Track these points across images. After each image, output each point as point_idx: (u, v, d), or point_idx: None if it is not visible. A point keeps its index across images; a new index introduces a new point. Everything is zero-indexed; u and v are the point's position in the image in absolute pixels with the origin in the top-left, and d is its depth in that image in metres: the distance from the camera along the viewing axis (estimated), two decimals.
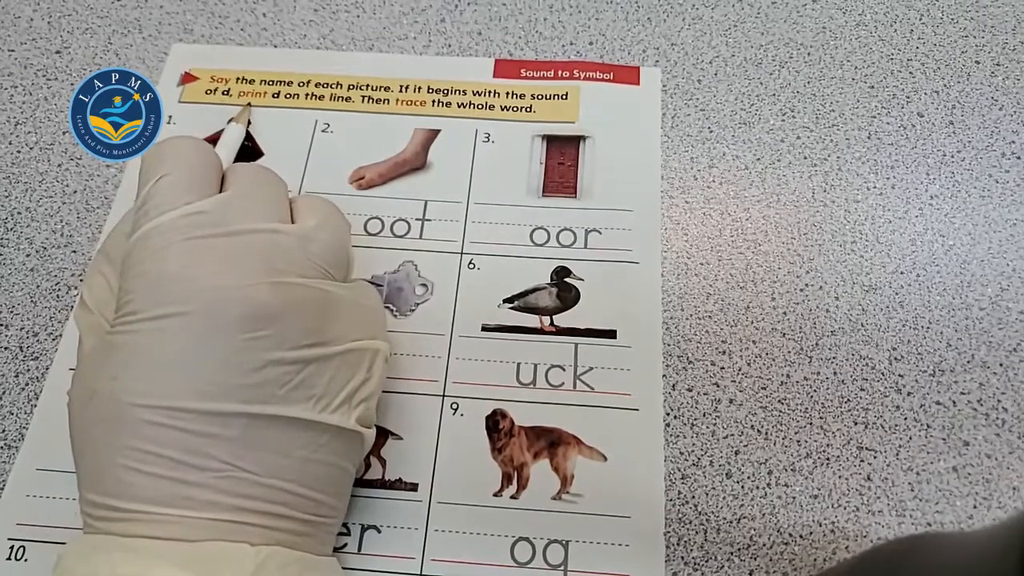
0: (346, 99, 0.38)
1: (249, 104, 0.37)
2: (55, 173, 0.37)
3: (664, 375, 0.32)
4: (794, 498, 0.30)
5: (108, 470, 0.22)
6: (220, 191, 0.26)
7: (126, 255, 0.24)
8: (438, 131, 0.37)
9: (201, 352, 0.22)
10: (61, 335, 0.33)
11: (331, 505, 0.26)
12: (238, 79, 0.38)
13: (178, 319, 0.22)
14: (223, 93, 0.38)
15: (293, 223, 0.26)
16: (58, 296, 0.34)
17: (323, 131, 0.37)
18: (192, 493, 0.22)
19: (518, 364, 0.32)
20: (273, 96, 0.38)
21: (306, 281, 0.25)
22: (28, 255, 0.35)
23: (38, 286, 0.34)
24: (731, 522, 0.29)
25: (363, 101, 0.38)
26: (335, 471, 0.25)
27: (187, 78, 0.39)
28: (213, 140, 0.37)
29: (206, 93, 0.38)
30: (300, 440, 0.24)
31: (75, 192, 0.36)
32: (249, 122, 0.37)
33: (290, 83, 0.38)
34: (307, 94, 0.38)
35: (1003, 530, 0.15)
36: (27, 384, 0.32)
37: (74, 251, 0.35)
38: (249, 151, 0.36)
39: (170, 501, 0.22)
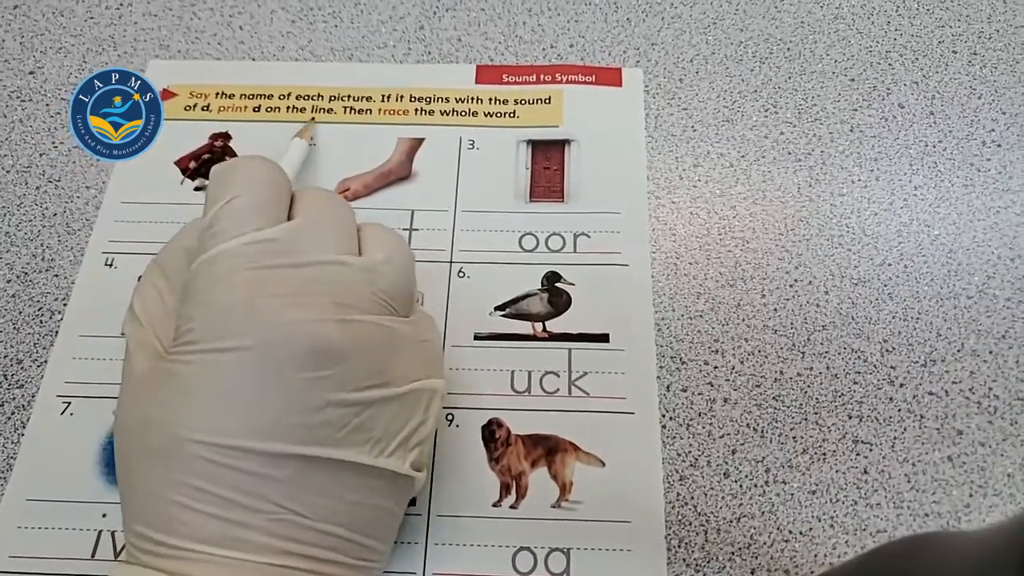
0: (328, 111, 0.38)
1: (313, 119, 0.37)
2: (33, 196, 0.36)
3: (658, 377, 0.32)
4: (792, 495, 0.30)
5: (158, 504, 0.22)
6: (288, 215, 0.25)
7: (190, 279, 0.23)
8: (422, 140, 0.37)
9: (262, 389, 0.22)
10: (46, 361, 0.32)
11: (378, 550, 0.25)
12: (218, 94, 0.38)
13: (241, 353, 0.22)
14: (203, 109, 0.38)
15: (360, 253, 0.25)
16: (41, 321, 0.33)
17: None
18: (243, 534, 0.22)
19: (512, 372, 0.32)
20: (254, 110, 0.37)
21: (372, 318, 0.24)
22: (9, 281, 0.34)
23: (20, 312, 0.34)
24: (731, 522, 0.29)
25: (345, 112, 0.38)
26: (385, 515, 0.25)
27: (165, 95, 0.38)
28: (195, 156, 0.36)
29: (185, 109, 0.38)
30: (354, 484, 0.23)
31: (55, 215, 0.36)
32: (312, 138, 0.36)
33: (270, 96, 0.38)
34: (288, 107, 0.38)
35: (1004, 530, 0.15)
36: (13, 413, 0.31)
37: (56, 275, 0.34)
38: None
39: (220, 541, 0.21)
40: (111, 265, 0.34)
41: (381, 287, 0.24)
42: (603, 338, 0.32)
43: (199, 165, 0.36)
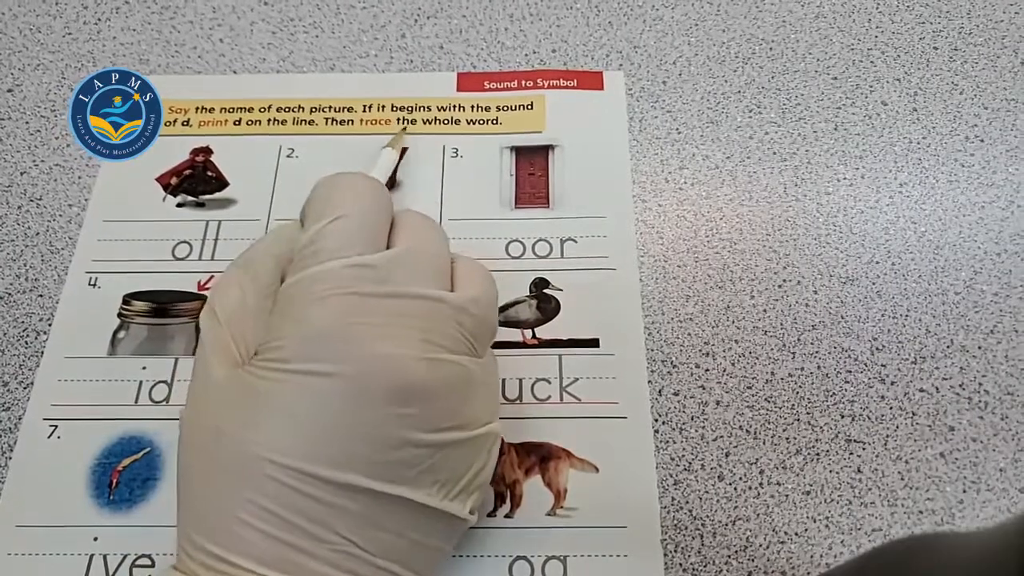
0: (309, 122, 0.37)
1: (404, 128, 0.36)
2: (15, 216, 0.36)
3: (650, 381, 0.32)
4: (787, 496, 0.30)
5: (222, 519, 0.21)
6: (388, 238, 0.25)
7: (285, 293, 0.24)
8: (405, 149, 0.37)
9: (346, 419, 0.22)
10: (32, 383, 0.32)
11: None
12: (197, 108, 0.38)
13: (329, 380, 0.22)
14: (183, 124, 0.37)
15: (452, 287, 0.25)
16: (26, 343, 0.33)
17: (288, 156, 0.36)
18: (305, 562, 0.21)
19: (503, 380, 0.31)
20: (235, 124, 0.37)
21: (456, 358, 0.24)
22: None
23: (5, 334, 0.33)
24: (726, 525, 0.29)
25: (327, 123, 0.37)
26: (439, 556, 0.25)
27: None
28: (176, 172, 0.36)
29: (165, 125, 0.37)
30: (417, 523, 0.23)
31: (37, 234, 0.35)
32: (405, 149, 0.36)
33: (251, 109, 0.38)
34: (269, 119, 0.37)
35: (1003, 532, 0.15)
36: None
37: (40, 295, 0.34)
38: (214, 182, 0.36)
39: (281, 566, 0.21)
40: (94, 285, 0.34)
41: (468, 328, 0.24)
42: (593, 343, 0.32)
43: (181, 181, 0.36)
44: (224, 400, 0.23)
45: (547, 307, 0.33)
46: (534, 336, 0.32)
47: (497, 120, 0.37)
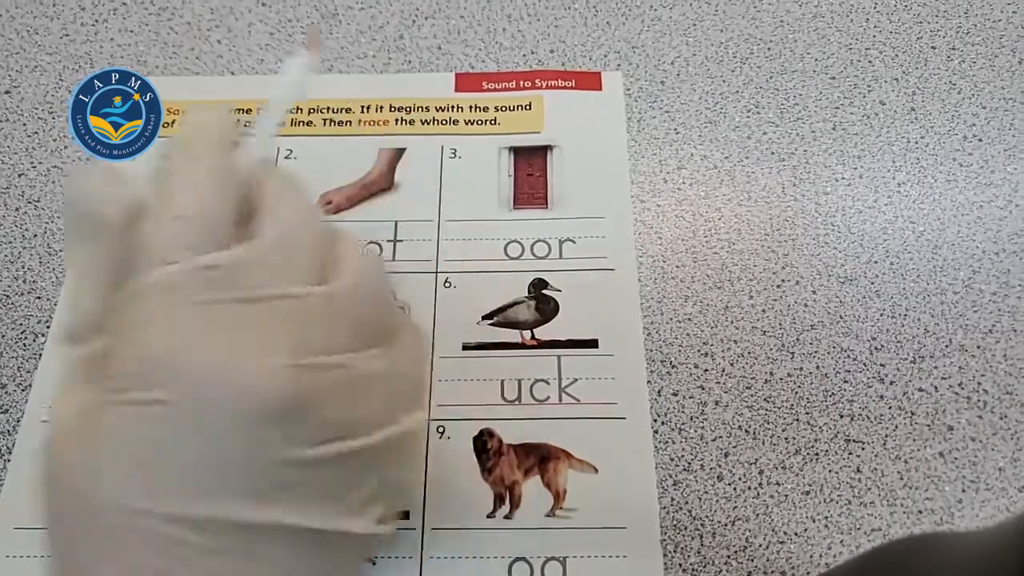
0: (307, 123, 0.37)
1: (314, 23, 0.30)
2: (13, 218, 0.36)
3: (648, 381, 0.32)
4: (786, 496, 0.30)
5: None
6: (249, 207, 0.21)
7: (119, 306, 0.20)
8: (403, 150, 0.37)
9: (191, 450, 0.18)
10: (30, 385, 0.32)
11: None
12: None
13: (171, 408, 0.18)
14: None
15: (327, 273, 0.21)
16: (25, 345, 0.33)
17: (286, 158, 0.36)
18: None
19: (502, 381, 0.31)
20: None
21: (335, 360, 0.20)
22: None
23: (3, 336, 0.33)
24: (726, 525, 0.29)
25: (324, 124, 0.37)
26: (349, 572, 0.23)
27: None
28: None
29: (163, 126, 0.37)
30: (311, 548, 0.20)
31: (35, 236, 0.35)
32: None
33: (248, 111, 0.38)
34: None
35: (1003, 532, 0.15)
36: None
37: (38, 297, 0.34)
38: None
39: None
40: None
41: (348, 321, 0.21)
42: (592, 344, 0.32)
43: None
44: (69, 434, 0.20)
45: (546, 308, 0.33)
46: (533, 337, 0.32)
47: (495, 120, 0.37)
